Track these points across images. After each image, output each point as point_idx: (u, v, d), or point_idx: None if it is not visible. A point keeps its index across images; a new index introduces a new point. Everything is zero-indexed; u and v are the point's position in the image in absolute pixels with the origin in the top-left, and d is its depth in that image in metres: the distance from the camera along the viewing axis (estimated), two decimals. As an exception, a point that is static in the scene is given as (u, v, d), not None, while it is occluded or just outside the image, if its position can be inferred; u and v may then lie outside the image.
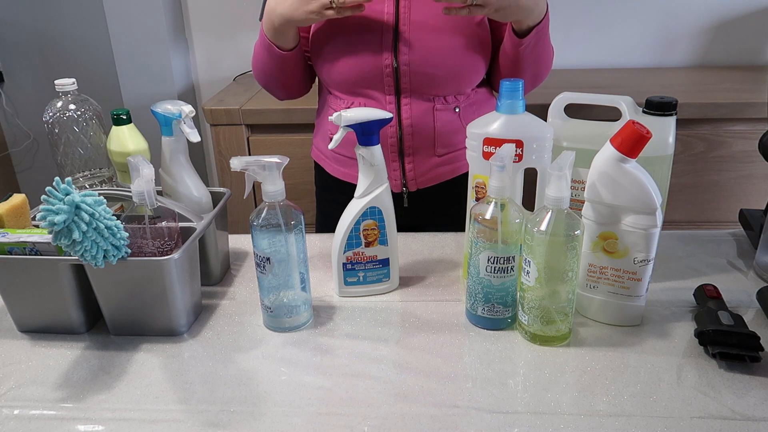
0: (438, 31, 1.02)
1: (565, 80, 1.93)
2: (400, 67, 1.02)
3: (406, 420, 0.66)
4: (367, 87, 1.05)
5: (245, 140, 1.78)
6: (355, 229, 0.87)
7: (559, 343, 0.78)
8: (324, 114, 1.15)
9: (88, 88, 1.42)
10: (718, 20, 2.06)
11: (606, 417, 0.66)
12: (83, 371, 0.76)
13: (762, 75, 1.92)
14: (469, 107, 1.10)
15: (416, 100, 1.06)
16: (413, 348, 0.79)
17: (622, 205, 0.75)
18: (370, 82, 1.05)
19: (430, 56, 1.02)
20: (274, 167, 0.76)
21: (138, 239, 0.80)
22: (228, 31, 2.21)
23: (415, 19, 1.01)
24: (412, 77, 1.03)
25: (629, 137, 0.72)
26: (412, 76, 1.03)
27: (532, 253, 0.74)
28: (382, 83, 1.04)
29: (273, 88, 1.15)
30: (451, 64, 1.03)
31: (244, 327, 0.84)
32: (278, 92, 1.17)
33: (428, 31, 1.02)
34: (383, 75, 1.03)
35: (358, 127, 0.82)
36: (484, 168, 0.84)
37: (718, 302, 0.81)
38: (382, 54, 1.02)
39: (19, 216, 0.85)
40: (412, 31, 1.01)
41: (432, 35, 1.02)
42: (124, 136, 1.01)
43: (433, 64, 1.03)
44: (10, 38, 2.38)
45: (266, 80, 1.13)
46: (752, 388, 0.70)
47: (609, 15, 2.08)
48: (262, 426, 0.66)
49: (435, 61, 1.02)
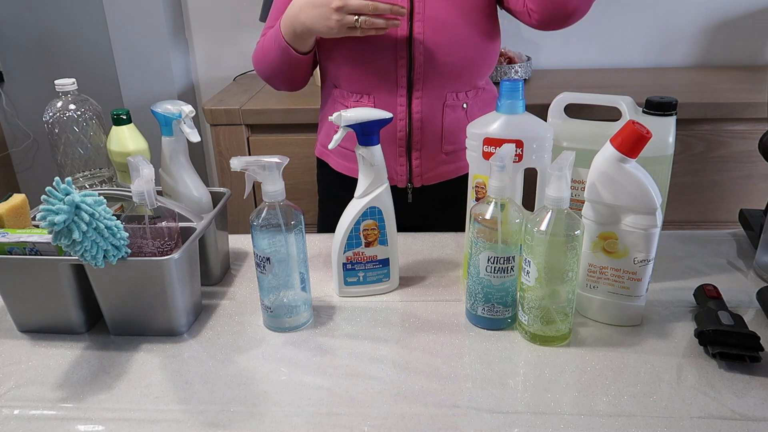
0: (452, 23, 1.03)
1: (565, 80, 1.94)
2: (414, 59, 1.02)
3: (406, 420, 0.66)
4: (379, 81, 1.05)
5: (245, 140, 1.78)
6: (355, 229, 0.87)
7: (559, 343, 0.78)
8: (328, 109, 1.15)
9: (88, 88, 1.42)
10: (718, 20, 2.06)
11: (606, 417, 0.66)
12: (83, 371, 0.76)
13: (762, 75, 1.92)
14: (477, 105, 1.11)
15: (428, 94, 1.06)
16: (413, 348, 0.79)
17: (622, 205, 0.75)
18: (383, 76, 1.04)
19: (445, 46, 1.03)
20: (274, 167, 0.76)
21: (138, 239, 0.80)
22: (228, 31, 2.21)
23: (429, 13, 1.01)
24: (426, 69, 1.03)
25: (629, 137, 0.72)
26: (426, 65, 1.03)
27: (532, 253, 0.74)
28: (395, 76, 1.04)
29: (276, 81, 1.15)
30: (464, 54, 1.03)
31: (244, 327, 0.84)
32: (281, 86, 1.16)
33: (442, 23, 1.02)
34: (397, 67, 1.03)
35: (358, 127, 0.82)
36: (484, 168, 0.84)
37: (718, 302, 0.81)
38: (397, 47, 1.02)
39: (19, 216, 0.85)
40: (427, 24, 1.01)
41: (446, 27, 1.02)
42: (124, 136, 1.01)
43: (448, 54, 1.03)
44: (10, 38, 2.38)
45: (271, 74, 1.12)
46: (752, 388, 0.70)
47: (609, 15, 2.08)
48: (262, 426, 0.66)
49: (449, 52, 1.03)
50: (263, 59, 1.11)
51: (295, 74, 1.11)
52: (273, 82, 1.15)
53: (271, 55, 1.07)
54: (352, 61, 1.05)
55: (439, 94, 1.07)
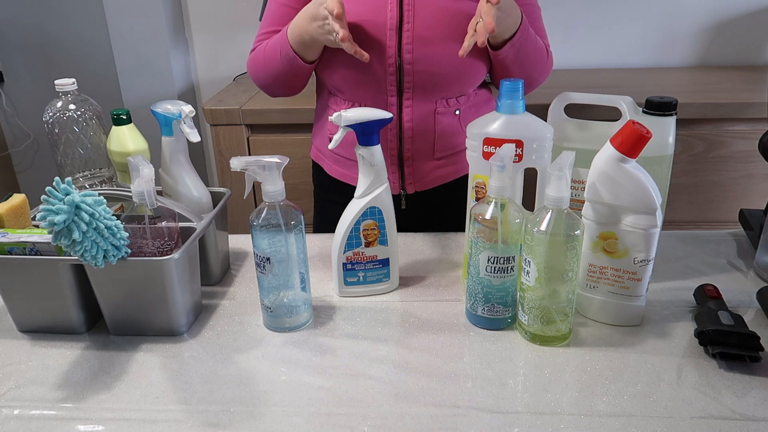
0: (441, 33, 1.02)
1: (565, 80, 1.93)
2: (403, 66, 1.02)
3: (406, 420, 0.66)
4: (369, 88, 1.05)
5: (245, 140, 1.78)
6: (355, 229, 0.87)
7: (559, 343, 0.78)
8: (323, 114, 1.15)
9: (88, 88, 1.42)
10: (718, 20, 2.06)
11: (606, 417, 0.66)
12: (83, 371, 0.76)
13: (762, 75, 1.92)
14: (470, 110, 1.10)
15: (418, 101, 1.06)
16: (413, 348, 0.79)
17: (622, 205, 0.75)
18: (373, 83, 1.04)
19: (434, 55, 1.02)
20: (274, 167, 0.76)
21: (138, 239, 0.80)
22: (228, 31, 2.21)
23: (418, 22, 1.01)
24: (415, 76, 1.03)
25: (629, 137, 0.72)
26: (416, 75, 1.03)
27: (532, 253, 0.74)
28: (385, 82, 1.04)
29: (276, 89, 1.14)
30: (454, 64, 1.03)
31: (244, 327, 0.84)
32: (279, 93, 1.16)
33: (432, 33, 1.02)
34: (386, 74, 1.03)
35: (358, 127, 0.82)
36: (484, 168, 0.84)
37: (718, 302, 0.81)
38: (386, 55, 1.02)
39: (19, 216, 0.85)
40: (416, 32, 1.01)
41: (435, 39, 1.02)
42: (124, 136, 1.01)
43: (437, 63, 1.03)
44: (10, 38, 2.38)
45: (273, 82, 1.12)
46: (752, 388, 0.70)
47: (609, 15, 2.08)
48: (262, 426, 0.66)
49: (439, 60, 1.03)
50: (264, 67, 1.10)
51: (297, 82, 1.12)
52: (272, 89, 1.14)
53: (274, 63, 1.07)
54: (344, 69, 1.05)
55: (429, 102, 1.06)
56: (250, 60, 1.13)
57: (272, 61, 1.07)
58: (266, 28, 1.11)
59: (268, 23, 1.11)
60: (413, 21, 1.01)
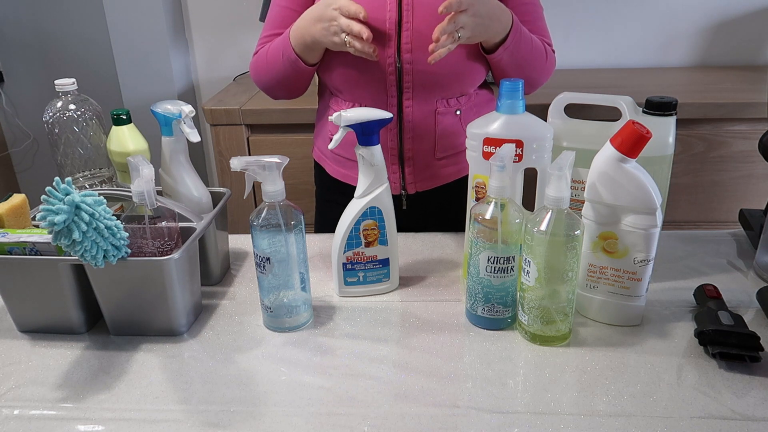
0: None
1: (565, 80, 1.93)
2: (403, 66, 1.02)
3: (406, 420, 0.66)
4: (369, 88, 1.05)
5: (245, 140, 1.78)
6: (355, 229, 0.87)
7: (559, 343, 0.78)
8: (325, 115, 1.15)
9: (88, 88, 1.42)
10: (718, 20, 2.06)
11: (606, 417, 0.66)
12: (83, 371, 0.76)
13: (762, 75, 1.92)
14: (471, 110, 1.10)
15: (418, 101, 1.06)
16: (413, 348, 0.79)
17: (622, 205, 0.75)
18: (373, 83, 1.04)
19: None
20: (274, 167, 0.76)
21: (138, 239, 0.80)
22: (228, 31, 2.21)
23: (417, 22, 1.01)
24: (414, 76, 1.03)
25: (629, 137, 0.72)
26: (415, 75, 1.03)
27: (532, 253, 0.74)
28: (385, 82, 1.04)
29: (278, 91, 1.14)
30: (453, 64, 1.03)
31: (244, 327, 0.84)
32: (282, 95, 1.16)
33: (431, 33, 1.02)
34: (386, 74, 1.03)
35: (358, 127, 0.82)
36: (484, 168, 0.84)
37: (718, 302, 0.81)
38: (386, 52, 1.02)
39: (19, 216, 0.85)
40: (415, 32, 1.01)
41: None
42: (124, 136, 1.01)
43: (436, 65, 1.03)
44: (10, 38, 2.38)
45: (275, 85, 1.12)
46: (752, 388, 0.70)
47: (609, 15, 2.08)
48: (262, 426, 0.66)
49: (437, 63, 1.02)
50: (266, 70, 1.10)
51: (299, 85, 1.12)
52: (274, 92, 1.15)
53: (277, 66, 1.07)
54: (344, 70, 1.05)
55: (430, 102, 1.06)
56: (253, 63, 1.13)
57: (275, 64, 1.07)
58: (269, 30, 1.11)
59: (270, 26, 1.11)
60: (412, 21, 1.01)
